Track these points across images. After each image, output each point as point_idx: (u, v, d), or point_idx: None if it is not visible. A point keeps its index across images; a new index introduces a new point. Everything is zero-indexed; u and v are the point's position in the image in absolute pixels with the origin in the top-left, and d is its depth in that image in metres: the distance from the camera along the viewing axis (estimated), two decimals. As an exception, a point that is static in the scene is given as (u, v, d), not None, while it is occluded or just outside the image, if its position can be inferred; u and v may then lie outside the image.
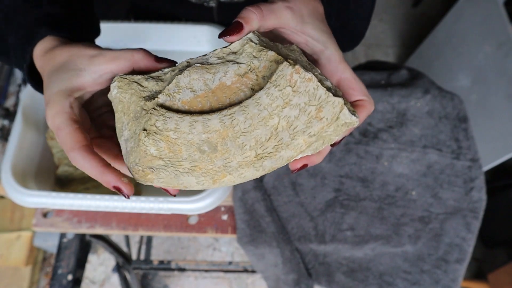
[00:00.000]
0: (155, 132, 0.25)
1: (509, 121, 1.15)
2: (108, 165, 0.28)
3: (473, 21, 1.29)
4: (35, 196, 0.56)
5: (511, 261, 1.21)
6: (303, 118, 0.26)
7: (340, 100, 0.26)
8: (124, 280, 1.05)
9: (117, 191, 0.28)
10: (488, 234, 1.45)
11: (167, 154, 0.26)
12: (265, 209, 0.66)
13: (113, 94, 0.28)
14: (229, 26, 0.28)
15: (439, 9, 2.09)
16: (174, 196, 0.30)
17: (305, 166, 0.29)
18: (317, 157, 0.29)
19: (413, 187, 0.70)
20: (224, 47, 0.28)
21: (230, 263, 0.93)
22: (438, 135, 0.73)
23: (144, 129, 0.26)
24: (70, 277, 0.71)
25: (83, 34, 0.38)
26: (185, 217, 0.67)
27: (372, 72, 0.82)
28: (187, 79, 0.27)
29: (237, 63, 0.27)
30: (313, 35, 0.31)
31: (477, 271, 1.49)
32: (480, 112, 1.26)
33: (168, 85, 0.27)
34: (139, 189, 0.66)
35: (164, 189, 0.29)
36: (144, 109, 0.26)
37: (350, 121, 0.27)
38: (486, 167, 1.26)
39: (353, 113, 0.27)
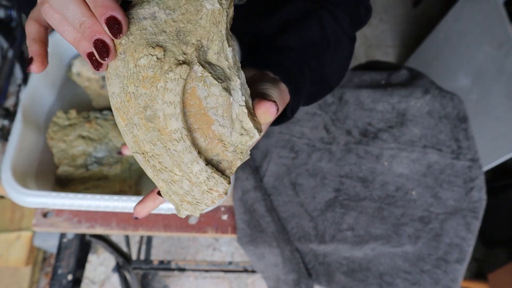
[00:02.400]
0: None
1: (509, 121, 1.15)
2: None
3: (473, 21, 1.29)
4: (35, 196, 0.55)
5: (511, 261, 1.21)
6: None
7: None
8: (124, 280, 1.05)
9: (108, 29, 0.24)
10: (488, 234, 1.45)
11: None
12: (265, 209, 0.66)
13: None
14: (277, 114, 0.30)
15: (439, 9, 2.09)
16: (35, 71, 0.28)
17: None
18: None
19: (413, 187, 0.70)
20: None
21: (230, 263, 0.93)
22: (438, 135, 0.73)
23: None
24: (70, 277, 0.71)
25: None
26: (185, 217, 0.67)
27: (372, 72, 0.82)
28: (215, 99, 0.27)
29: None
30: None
31: (477, 271, 1.49)
32: (480, 112, 1.26)
33: (225, 71, 0.27)
34: (139, 189, 0.66)
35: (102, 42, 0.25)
36: (193, 44, 0.26)
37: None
38: (486, 167, 1.26)
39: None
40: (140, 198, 0.56)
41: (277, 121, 0.39)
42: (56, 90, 0.72)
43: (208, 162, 0.27)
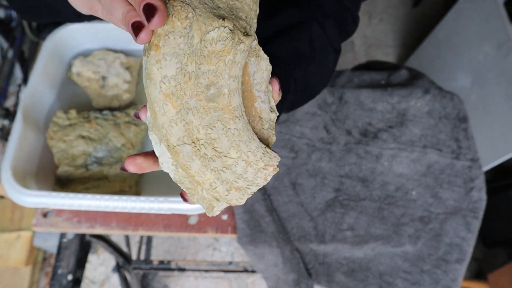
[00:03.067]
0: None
1: (509, 121, 1.15)
2: None
3: (473, 21, 1.29)
4: (35, 196, 0.55)
5: (511, 261, 1.21)
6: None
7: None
8: (124, 280, 1.05)
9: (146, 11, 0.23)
10: (488, 234, 1.45)
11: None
12: (265, 209, 0.66)
13: None
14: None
15: (439, 9, 2.09)
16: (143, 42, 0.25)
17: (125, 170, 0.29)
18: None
19: (413, 187, 0.69)
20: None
21: (230, 263, 0.93)
22: (438, 135, 0.73)
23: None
24: (70, 277, 0.71)
25: None
26: (185, 217, 0.67)
27: (372, 72, 0.82)
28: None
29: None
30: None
31: (477, 271, 1.49)
32: (480, 112, 1.26)
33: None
34: (139, 189, 0.66)
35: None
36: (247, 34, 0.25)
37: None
38: (486, 167, 1.26)
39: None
40: (140, 198, 0.56)
41: None
42: (56, 90, 0.73)
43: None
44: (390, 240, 0.66)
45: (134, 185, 0.65)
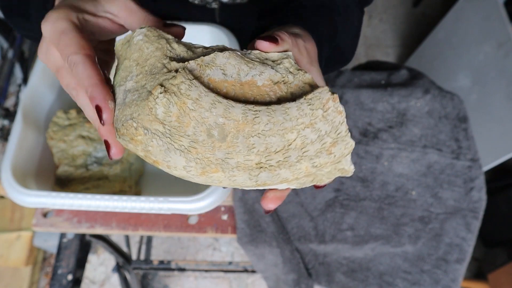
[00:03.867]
0: (174, 93, 0.24)
1: (509, 121, 1.15)
2: (104, 82, 0.25)
3: (473, 21, 1.29)
4: (35, 196, 0.55)
5: (511, 261, 1.21)
6: (317, 145, 0.25)
7: (353, 144, 0.26)
8: (124, 280, 1.05)
9: (97, 113, 0.25)
10: (488, 234, 1.45)
11: (172, 122, 0.24)
12: (265, 209, 0.66)
13: (135, 40, 0.26)
14: (267, 35, 0.29)
15: (439, 9, 2.09)
16: (111, 159, 0.27)
17: (271, 210, 0.29)
18: (283, 193, 0.29)
19: (413, 187, 0.70)
20: (262, 52, 0.28)
21: (230, 263, 0.93)
22: (438, 135, 0.73)
23: (162, 85, 0.24)
24: (70, 277, 0.71)
25: None
26: (185, 217, 0.67)
27: (372, 72, 0.82)
28: (224, 60, 0.26)
29: (275, 69, 0.27)
30: (315, 78, 0.31)
31: (477, 271, 1.49)
32: (480, 112, 1.26)
33: (202, 56, 0.26)
34: (139, 189, 0.66)
35: (108, 144, 0.26)
36: (166, 67, 0.25)
37: (347, 169, 0.28)
38: (486, 167, 1.26)
39: (352, 163, 0.28)
40: (140, 198, 0.56)
41: None
42: (56, 90, 0.72)
43: None
44: (390, 240, 0.66)
45: (134, 185, 0.65)
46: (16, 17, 0.40)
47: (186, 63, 0.25)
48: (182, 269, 0.94)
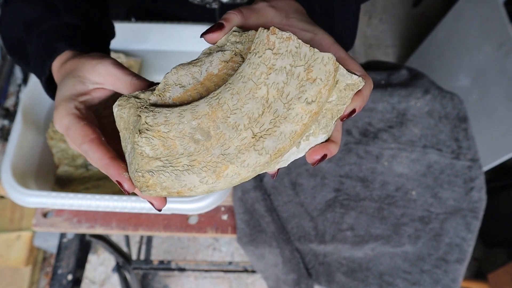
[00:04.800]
0: (146, 129, 0.25)
1: (509, 121, 1.15)
2: (114, 158, 0.28)
3: (473, 21, 1.29)
4: (35, 196, 0.56)
5: (511, 261, 1.21)
6: (294, 82, 0.24)
7: (329, 55, 0.24)
8: (124, 280, 1.05)
9: (119, 185, 0.28)
10: (488, 234, 1.45)
11: (162, 152, 0.25)
12: (265, 209, 0.66)
13: (115, 114, 0.28)
14: (210, 26, 0.29)
15: (439, 9, 2.09)
16: (159, 210, 0.29)
17: (325, 157, 0.27)
18: (334, 146, 0.28)
19: (413, 187, 0.70)
20: (211, 46, 0.29)
21: (230, 263, 0.93)
22: (438, 135, 0.73)
23: (138, 130, 0.25)
24: (70, 277, 0.71)
25: (99, 44, 0.40)
26: (185, 217, 0.67)
27: (372, 72, 0.82)
28: (175, 76, 0.27)
29: (222, 51, 0.27)
30: (300, 26, 0.31)
31: (477, 271, 1.49)
32: (480, 112, 1.26)
33: (157, 86, 0.27)
34: (139, 189, 0.66)
35: (150, 202, 0.29)
36: (138, 115, 0.26)
37: (352, 82, 0.25)
38: (486, 167, 1.26)
39: (352, 72, 0.25)
40: (140, 198, 0.56)
41: None
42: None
43: None
44: (390, 240, 0.66)
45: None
46: (18, 59, 0.42)
47: (148, 100, 0.27)
48: (182, 269, 0.94)
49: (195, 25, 0.71)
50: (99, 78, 0.31)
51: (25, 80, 1.54)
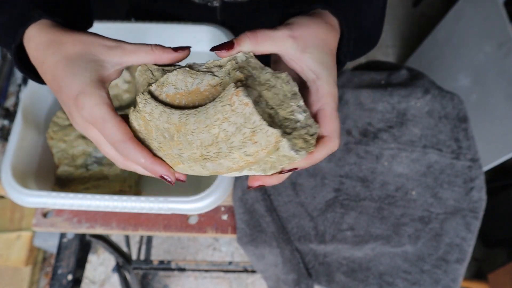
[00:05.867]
0: (137, 111, 0.31)
1: (509, 121, 1.15)
2: (154, 156, 0.31)
3: (473, 21, 1.29)
4: (35, 196, 0.56)
5: (511, 261, 1.21)
6: (239, 136, 0.28)
7: (275, 132, 0.28)
8: (124, 280, 1.05)
9: (162, 179, 0.32)
10: (488, 234, 1.45)
11: (143, 131, 0.31)
12: (265, 209, 0.66)
13: (136, 75, 0.34)
14: (221, 43, 0.31)
15: (439, 9, 2.09)
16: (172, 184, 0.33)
17: (260, 185, 0.33)
18: (271, 179, 0.32)
19: (413, 187, 0.70)
20: (216, 60, 0.32)
21: (230, 263, 0.93)
22: (438, 135, 0.73)
23: (133, 107, 0.32)
24: (70, 277, 0.71)
25: (77, 23, 0.38)
26: (185, 217, 0.67)
27: (372, 72, 0.82)
28: (174, 77, 0.31)
29: (214, 75, 0.31)
30: (309, 65, 0.32)
31: (477, 271, 1.49)
32: (480, 112, 1.26)
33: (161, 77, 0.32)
34: (138, 189, 0.67)
35: (162, 176, 0.32)
36: (141, 92, 0.32)
37: (289, 155, 0.29)
38: (486, 167, 1.26)
39: (296, 149, 0.29)
40: (140, 198, 0.56)
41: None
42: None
43: None
44: (390, 240, 0.66)
45: (134, 185, 0.65)
46: None
47: (149, 86, 0.32)
48: (182, 269, 0.94)
49: (195, 25, 0.71)
50: (118, 62, 0.31)
51: (25, 80, 1.54)
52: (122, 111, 0.69)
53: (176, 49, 0.32)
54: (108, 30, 0.73)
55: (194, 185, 0.65)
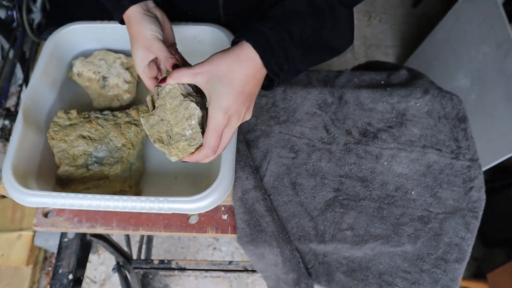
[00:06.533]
0: (141, 117, 0.53)
1: (508, 121, 1.15)
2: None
3: (472, 21, 1.29)
4: (36, 196, 0.56)
5: (510, 261, 1.22)
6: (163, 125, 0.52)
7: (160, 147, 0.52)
8: (124, 280, 1.05)
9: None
10: (487, 234, 1.45)
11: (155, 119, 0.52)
12: (265, 209, 0.66)
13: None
14: (162, 78, 0.50)
15: (438, 9, 2.09)
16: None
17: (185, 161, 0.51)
18: (185, 159, 0.51)
19: (412, 187, 0.70)
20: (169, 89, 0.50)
21: (230, 262, 0.93)
22: (437, 135, 0.74)
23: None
24: (70, 276, 0.71)
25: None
26: (185, 217, 0.67)
27: (372, 72, 0.82)
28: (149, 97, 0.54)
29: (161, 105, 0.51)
30: (208, 93, 0.46)
31: (476, 271, 1.49)
32: (479, 112, 1.26)
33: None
34: (139, 189, 0.67)
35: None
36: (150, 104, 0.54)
37: (169, 158, 0.51)
38: (485, 167, 1.26)
39: (171, 155, 0.50)
40: (141, 197, 0.56)
41: (265, 87, 0.51)
42: (57, 90, 0.73)
43: None
44: (390, 240, 0.66)
45: (135, 185, 0.65)
46: None
47: (153, 100, 0.54)
48: (182, 269, 0.94)
49: (195, 25, 0.72)
50: (154, 53, 0.53)
51: (26, 81, 1.54)
52: (122, 111, 0.69)
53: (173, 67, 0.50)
54: (111, 29, 0.73)
55: (194, 185, 0.66)
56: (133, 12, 0.54)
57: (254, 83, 0.46)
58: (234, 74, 0.45)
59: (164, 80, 0.48)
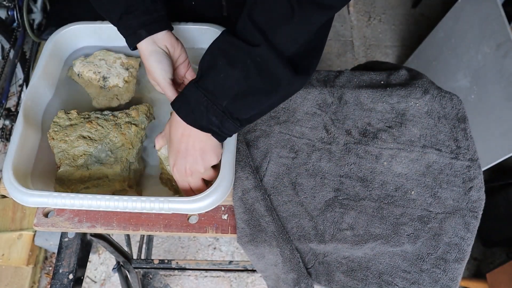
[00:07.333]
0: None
1: (508, 121, 1.15)
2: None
3: (472, 21, 1.29)
4: (36, 196, 0.56)
5: (509, 261, 1.22)
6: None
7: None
8: (124, 279, 1.05)
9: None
10: (487, 234, 1.45)
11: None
12: (265, 208, 0.66)
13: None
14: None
15: (438, 9, 2.10)
16: None
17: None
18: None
19: (412, 187, 0.70)
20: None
21: (230, 262, 0.93)
22: (437, 135, 0.74)
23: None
24: (71, 276, 0.71)
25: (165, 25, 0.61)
26: (186, 217, 0.67)
27: (371, 72, 0.82)
28: None
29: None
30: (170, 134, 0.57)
31: (476, 271, 1.49)
32: (479, 112, 1.26)
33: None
34: (139, 189, 0.67)
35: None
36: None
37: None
38: (485, 167, 1.27)
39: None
40: (141, 198, 0.57)
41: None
42: (57, 90, 0.73)
43: None
44: (390, 240, 0.66)
45: (135, 185, 0.66)
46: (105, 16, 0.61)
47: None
48: (182, 269, 0.94)
49: (195, 25, 0.72)
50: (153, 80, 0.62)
51: (26, 81, 1.54)
52: (122, 111, 0.69)
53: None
54: (111, 29, 0.73)
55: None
56: (144, 45, 0.59)
57: (188, 140, 0.53)
58: (171, 135, 0.55)
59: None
